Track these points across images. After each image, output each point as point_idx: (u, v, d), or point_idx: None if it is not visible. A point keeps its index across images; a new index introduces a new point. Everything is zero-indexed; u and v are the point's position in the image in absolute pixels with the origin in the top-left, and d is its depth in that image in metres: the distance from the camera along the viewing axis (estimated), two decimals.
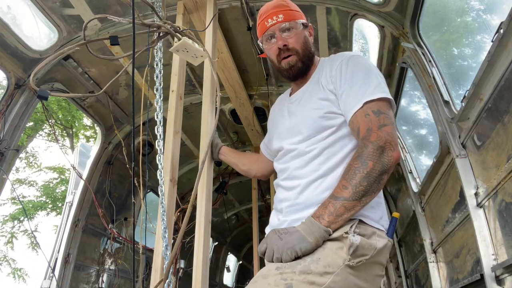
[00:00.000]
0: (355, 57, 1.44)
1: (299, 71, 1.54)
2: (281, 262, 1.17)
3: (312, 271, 1.12)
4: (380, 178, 1.20)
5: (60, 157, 16.93)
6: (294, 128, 1.49)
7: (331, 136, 1.39)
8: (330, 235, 1.19)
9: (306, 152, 1.40)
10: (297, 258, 1.16)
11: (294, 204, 1.36)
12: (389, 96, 1.33)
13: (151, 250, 1.95)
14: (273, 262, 1.20)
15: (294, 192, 1.38)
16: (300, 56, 1.52)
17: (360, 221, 1.25)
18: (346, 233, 1.19)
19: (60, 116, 10.82)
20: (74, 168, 3.49)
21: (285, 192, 1.44)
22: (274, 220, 1.46)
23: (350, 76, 1.37)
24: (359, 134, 1.29)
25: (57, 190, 11.77)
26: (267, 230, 1.48)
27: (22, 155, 11.79)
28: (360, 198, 1.19)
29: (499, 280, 1.98)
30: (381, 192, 1.39)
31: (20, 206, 10.81)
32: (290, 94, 1.67)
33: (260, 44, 1.61)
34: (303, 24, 1.56)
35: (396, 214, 1.36)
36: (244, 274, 9.03)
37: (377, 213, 1.32)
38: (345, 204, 1.18)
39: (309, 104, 1.47)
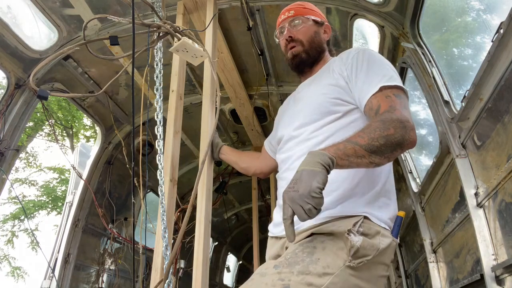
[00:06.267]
0: (370, 50, 1.47)
1: (302, 61, 1.58)
2: (315, 209, 1.00)
3: (310, 272, 1.09)
4: (394, 147, 1.13)
5: (60, 157, 16.95)
6: (299, 112, 1.48)
7: (335, 123, 1.36)
8: (333, 163, 1.07)
9: (309, 138, 1.38)
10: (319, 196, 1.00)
11: None
12: (404, 87, 1.32)
13: (151, 250, 1.95)
14: (306, 218, 1.01)
15: None
16: (305, 47, 1.58)
17: (366, 218, 1.22)
18: (349, 231, 1.15)
19: (60, 116, 10.82)
20: (74, 168, 3.49)
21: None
22: (277, 217, 1.42)
23: (366, 66, 1.36)
24: (379, 111, 1.23)
25: (57, 190, 11.79)
26: (271, 227, 1.46)
27: (22, 155, 11.79)
28: (371, 153, 1.11)
29: (499, 280, 1.97)
30: (393, 192, 1.39)
31: (21, 205, 10.83)
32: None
33: (276, 39, 1.72)
34: (314, 20, 1.63)
35: (401, 213, 1.33)
36: (244, 274, 9.02)
37: (385, 213, 1.29)
38: (356, 148, 1.11)
39: (317, 89, 1.46)
